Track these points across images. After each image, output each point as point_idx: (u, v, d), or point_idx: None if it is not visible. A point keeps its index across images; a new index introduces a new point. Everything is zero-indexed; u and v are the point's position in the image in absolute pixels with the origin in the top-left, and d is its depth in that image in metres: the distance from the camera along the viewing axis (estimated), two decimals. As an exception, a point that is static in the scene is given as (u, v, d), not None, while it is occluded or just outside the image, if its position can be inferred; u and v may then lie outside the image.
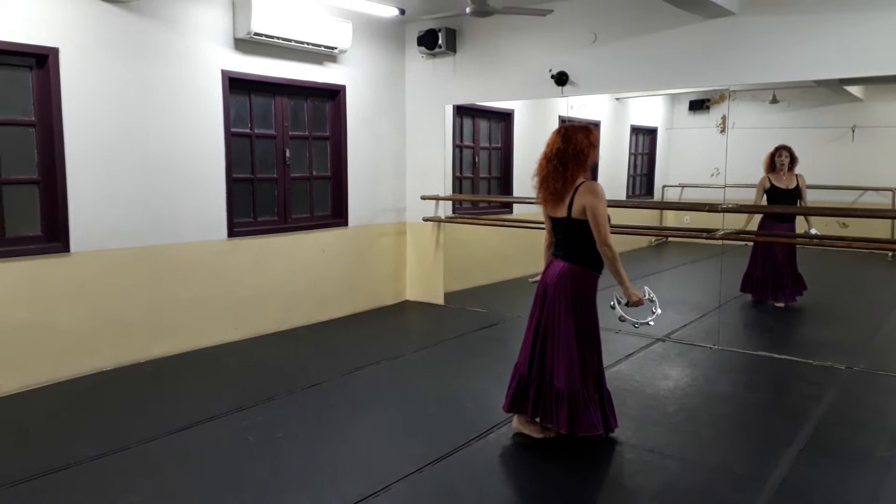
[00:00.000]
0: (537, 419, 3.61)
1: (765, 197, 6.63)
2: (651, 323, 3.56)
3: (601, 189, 3.40)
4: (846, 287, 7.74)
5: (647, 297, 3.54)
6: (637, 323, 3.58)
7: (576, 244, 3.48)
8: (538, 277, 3.73)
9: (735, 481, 3.23)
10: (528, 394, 3.60)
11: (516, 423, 3.71)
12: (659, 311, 3.58)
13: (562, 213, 3.46)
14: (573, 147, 3.41)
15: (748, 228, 6.42)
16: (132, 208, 4.93)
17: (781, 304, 6.72)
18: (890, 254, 7.36)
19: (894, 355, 5.51)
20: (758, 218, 6.62)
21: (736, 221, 6.15)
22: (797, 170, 6.61)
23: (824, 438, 3.70)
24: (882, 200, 7.17)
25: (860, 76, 5.42)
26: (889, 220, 6.72)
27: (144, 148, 4.96)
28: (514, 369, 3.73)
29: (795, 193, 6.56)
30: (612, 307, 3.56)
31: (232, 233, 5.56)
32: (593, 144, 3.48)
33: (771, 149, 6.65)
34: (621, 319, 3.57)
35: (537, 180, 3.55)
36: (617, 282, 3.47)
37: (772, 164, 6.63)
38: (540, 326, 3.58)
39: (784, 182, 6.55)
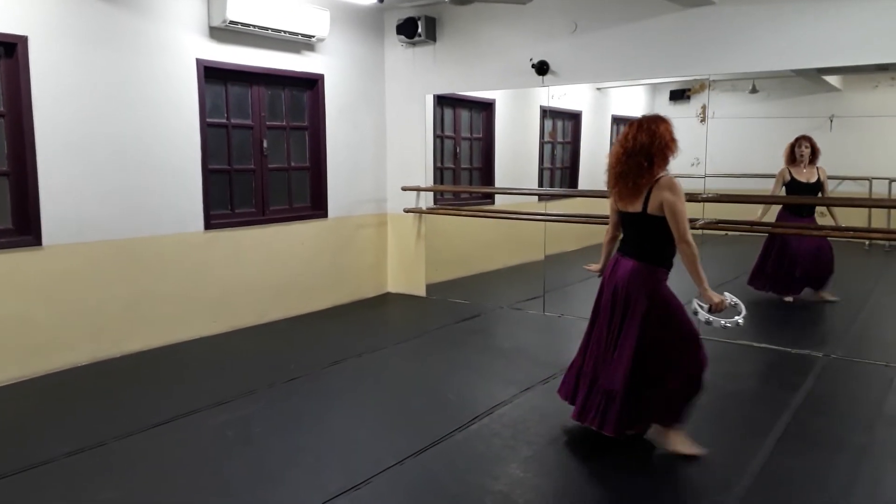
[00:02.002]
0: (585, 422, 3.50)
1: (784, 191, 6.28)
2: (741, 322, 3.29)
3: (679, 185, 3.23)
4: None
5: (729, 301, 3.32)
6: (725, 324, 3.30)
7: (648, 241, 3.34)
8: (594, 266, 3.74)
9: (715, 470, 3.25)
10: (581, 393, 3.51)
11: (666, 442, 3.43)
12: (745, 311, 3.33)
13: (636, 207, 3.31)
14: (659, 142, 3.22)
15: (764, 220, 6.10)
16: (106, 200, 4.84)
17: (790, 299, 6.44)
18: (867, 243, 7.44)
19: (870, 343, 5.58)
20: (774, 210, 6.24)
21: (716, 211, 6.14)
22: (819, 162, 6.21)
23: (802, 426, 3.73)
24: (859, 190, 7.23)
25: (837, 66, 5.45)
26: (865, 210, 6.77)
27: (118, 139, 4.86)
28: (578, 371, 3.61)
29: (817, 188, 6.15)
30: (695, 313, 3.33)
31: (209, 225, 5.48)
32: (674, 137, 3.30)
33: (791, 139, 6.23)
34: (707, 323, 3.32)
35: (613, 174, 3.36)
36: (695, 283, 3.28)
37: (792, 156, 6.23)
38: (608, 326, 3.44)
39: (805, 175, 6.16)
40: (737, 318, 3.30)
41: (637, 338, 3.32)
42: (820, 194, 6.22)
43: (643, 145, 3.23)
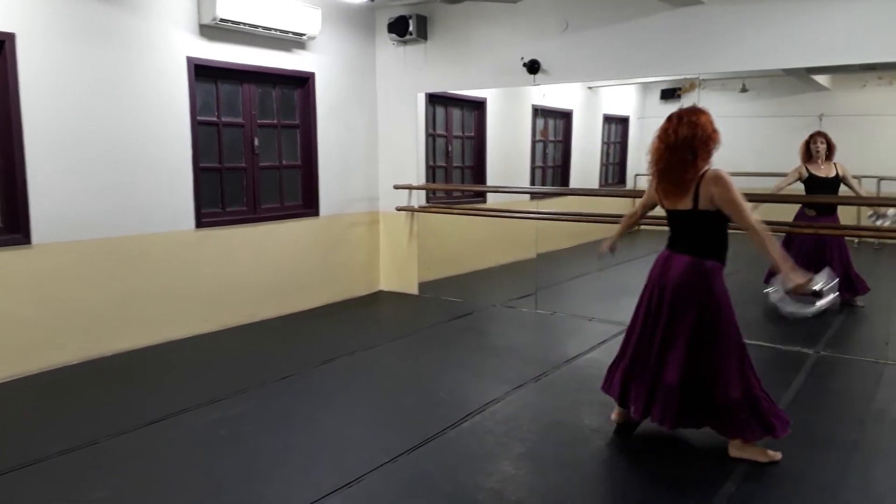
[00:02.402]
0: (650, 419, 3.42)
1: (803, 189, 6.08)
2: (829, 298, 3.07)
3: (726, 175, 3.10)
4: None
5: (817, 285, 3.06)
6: (808, 312, 3.12)
7: (701, 237, 3.24)
8: (606, 244, 3.76)
9: (706, 467, 3.26)
10: (639, 392, 3.41)
11: (734, 451, 3.31)
12: (834, 294, 3.08)
13: (685, 205, 3.19)
14: (701, 134, 3.11)
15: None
16: (96, 199, 4.81)
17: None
18: (856, 241, 7.48)
19: (860, 340, 5.62)
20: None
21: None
22: (835, 158, 6.04)
23: (793, 422, 3.75)
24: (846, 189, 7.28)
25: (826, 65, 5.49)
26: (855, 208, 6.80)
27: (108, 137, 4.83)
28: (628, 372, 3.51)
29: (836, 183, 5.95)
30: (771, 295, 3.14)
31: (200, 223, 5.45)
32: (716, 128, 3.18)
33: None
34: (790, 315, 3.15)
35: (656, 171, 3.25)
36: (776, 266, 3.02)
37: (808, 153, 6.06)
38: (663, 324, 3.31)
39: (823, 171, 5.97)
40: (822, 301, 3.08)
41: (692, 332, 3.22)
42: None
43: (686, 138, 3.12)
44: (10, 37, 4.29)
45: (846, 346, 5.25)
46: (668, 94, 9.20)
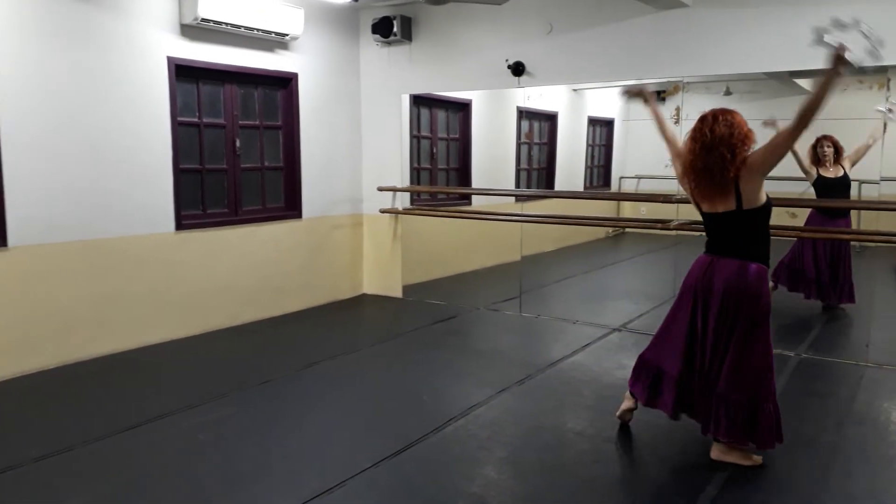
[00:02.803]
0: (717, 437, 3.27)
1: (812, 191, 6.00)
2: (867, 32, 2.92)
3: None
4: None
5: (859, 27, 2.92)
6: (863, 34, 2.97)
7: (746, 239, 3.14)
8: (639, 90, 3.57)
9: (687, 470, 3.26)
10: (674, 395, 3.30)
11: (716, 454, 3.29)
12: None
13: (728, 206, 3.08)
14: (738, 132, 3.03)
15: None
16: (74, 201, 4.73)
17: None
18: (857, 245, 7.52)
19: (841, 342, 5.66)
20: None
21: (690, 212, 6.17)
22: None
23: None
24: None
25: (807, 69, 5.53)
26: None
27: (87, 138, 4.76)
28: (667, 375, 3.39)
29: (846, 182, 5.85)
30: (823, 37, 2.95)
31: (180, 226, 5.38)
32: (751, 128, 3.11)
33: (812, 140, 5.93)
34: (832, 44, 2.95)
35: (691, 171, 3.13)
36: (825, 92, 2.96)
37: (815, 157, 5.95)
38: (709, 336, 3.20)
39: (832, 172, 5.88)
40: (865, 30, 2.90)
41: (741, 338, 3.14)
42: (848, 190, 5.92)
43: (723, 137, 3.03)
44: (-16, 35, 4.21)
45: (828, 348, 5.28)
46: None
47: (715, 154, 3.03)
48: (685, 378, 3.32)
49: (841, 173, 5.91)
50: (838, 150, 5.90)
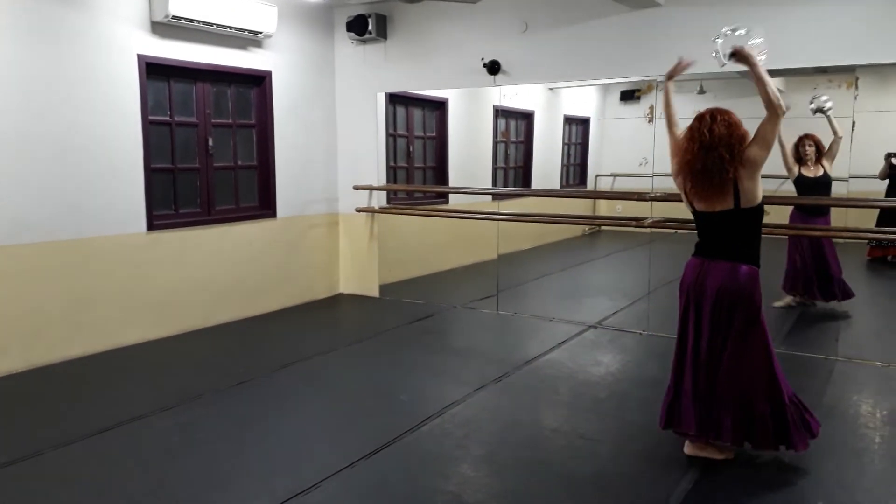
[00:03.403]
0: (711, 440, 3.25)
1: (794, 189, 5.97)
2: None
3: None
4: (776, 270, 8.04)
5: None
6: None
7: (740, 239, 3.13)
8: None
9: (663, 464, 3.29)
10: (694, 411, 3.22)
11: (690, 450, 3.31)
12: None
13: (726, 205, 3.07)
14: (737, 133, 3.06)
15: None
16: (43, 201, 4.64)
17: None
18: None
19: (811, 337, 5.75)
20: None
21: (664, 210, 6.24)
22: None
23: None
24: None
25: (779, 69, 5.61)
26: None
27: (57, 137, 4.67)
28: (673, 387, 3.34)
29: (827, 181, 5.81)
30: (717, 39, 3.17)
31: (152, 226, 5.31)
32: (745, 129, 3.12)
33: (794, 139, 5.92)
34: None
35: (689, 172, 3.12)
36: (763, 82, 3.11)
37: (797, 156, 5.91)
38: (702, 338, 3.18)
39: (812, 171, 5.86)
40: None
41: (736, 341, 3.13)
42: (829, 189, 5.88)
43: (722, 137, 3.03)
44: (-53, 31, 4.11)
45: (798, 342, 5.36)
46: (628, 96, 9.32)
47: (714, 154, 3.02)
48: (694, 387, 3.25)
49: (821, 172, 5.91)
50: (820, 150, 5.90)
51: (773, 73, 6.72)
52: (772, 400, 3.16)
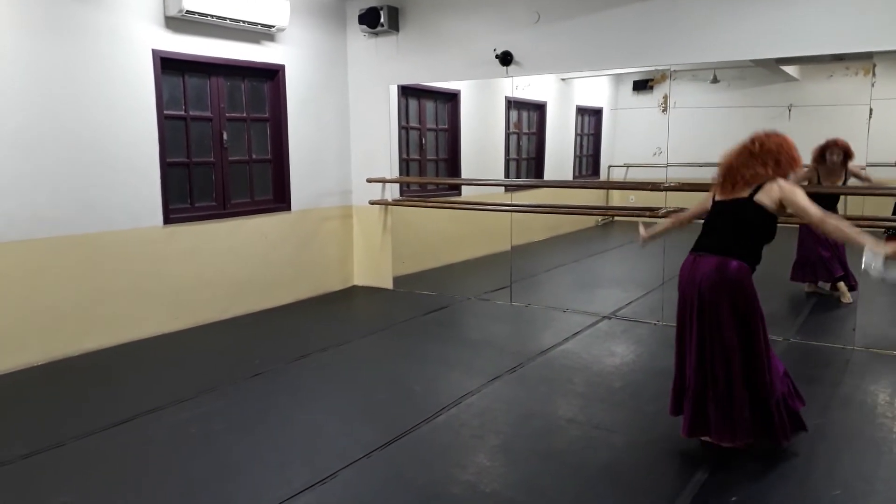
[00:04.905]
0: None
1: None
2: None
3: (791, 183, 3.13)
4: (782, 262, 7.98)
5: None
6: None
7: (738, 233, 3.14)
8: (644, 232, 3.62)
9: (678, 455, 3.29)
10: (688, 407, 3.24)
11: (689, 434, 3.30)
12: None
13: (741, 193, 3.13)
14: (787, 153, 3.13)
15: None
16: (59, 195, 4.69)
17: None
18: None
19: (828, 326, 5.71)
20: None
21: (678, 200, 6.21)
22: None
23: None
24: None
25: (794, 56, 5.55)
26: (861, 199, 6.71)
27: (72, 132, 4.72)
28: (679, 387, 3.33)
29: (835, 197, 5.63)
30: (871, 268, 3.00)
31: (168, 219, 5.36)
32: (799, 157, 3.19)
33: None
34: (884, 279, 3.03)
35: (724, 167, 3.24)
36: (859, 244, 2.99)
37: (822, 160, 5.74)
38: (693, 333, 3.19)
39: (830, 179, 5.66)
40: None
41: (726, 336, 3.10)
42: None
43: (770, 150, 3.12)
44: (-35, 29, 4.16)
45: (815, 332, 5.32)
46: (641, 86, 9.26)
47: (756, 160, 3.12)
48: (683, 382, 3.28)
49: (840, 182, 5.70)
50: (848, 156, 5.62)
51: (788, 60, 6.69)
52: (755, 399, 3.12)
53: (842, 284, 6.09)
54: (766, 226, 3.16)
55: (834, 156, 5.67)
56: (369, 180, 6.84)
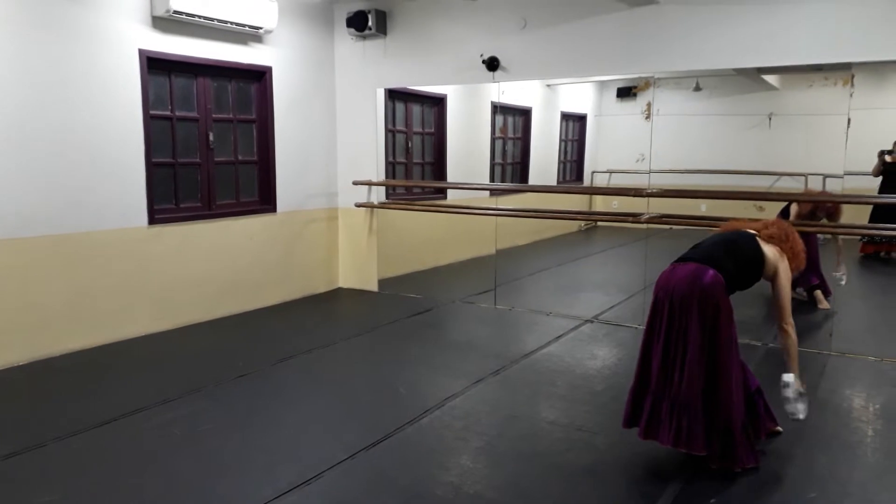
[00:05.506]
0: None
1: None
2: (801, 417, 3.31)
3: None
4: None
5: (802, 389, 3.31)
6: (798, 415, 3.29)
7: (728, 255, 3.16)
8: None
9: (660, 456, 3.34)
10: (659, 414, 3.17)
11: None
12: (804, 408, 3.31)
13: (751, 230, 3.33)
14: (792, 246, 3.31)
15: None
16: (45, 195, 4.67)
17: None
18: (821, 238, 7.69)
19: (805, 331, 5.80)
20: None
21: (660, 206, 6.29)
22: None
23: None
24: (796, 185, 7.53)
25: (776, 65, 5.66)
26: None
27: (57, 131, 4.70)
28: (640, 389, 3.27)
29: None
30: (786, 389, 3.28)
31: (153, 220, 5.34)
32: (804, 257, 3.36)
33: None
34: (792, 414, 3.30)
35: (734, 221, 3.52)
36: (791, 366, 3.29)
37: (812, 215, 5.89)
38: (661, 337, 3.12)
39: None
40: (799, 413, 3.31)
41: (699, 343, 3.04)
42: None
43: (796, 241, 3.33)
44: (-50, 26, 4.13)
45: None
46: (624, 93, 9.38)
47: (783, 235, 3.31)
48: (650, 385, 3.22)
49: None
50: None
51: (769, 69, 6.81)
52: (713, 415, 3.07)
53: (818, 293, 6.23)
54: (751, 267, 3.21)
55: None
56: (355, 183, 6.86)
